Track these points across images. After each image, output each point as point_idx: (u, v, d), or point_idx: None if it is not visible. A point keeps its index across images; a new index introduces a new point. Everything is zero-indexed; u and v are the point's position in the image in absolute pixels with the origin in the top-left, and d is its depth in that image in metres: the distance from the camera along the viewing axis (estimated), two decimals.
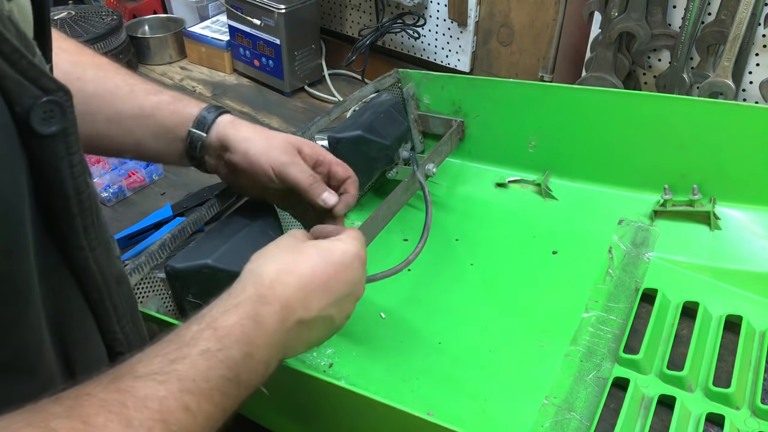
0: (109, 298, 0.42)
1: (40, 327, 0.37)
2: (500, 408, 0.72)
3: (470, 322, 0.83)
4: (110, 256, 0.42)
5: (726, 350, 0.76)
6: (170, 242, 0.72)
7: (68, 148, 0.36)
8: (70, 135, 0.36)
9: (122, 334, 0.44)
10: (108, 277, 0.42)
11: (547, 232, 0.94)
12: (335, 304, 0.53)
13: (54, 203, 0.36)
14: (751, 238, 0.87)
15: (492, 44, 1.29)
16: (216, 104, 0.70)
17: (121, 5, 1.55)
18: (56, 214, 0.37)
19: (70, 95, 0.35)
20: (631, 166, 0.93)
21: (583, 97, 0.93)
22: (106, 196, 1.07)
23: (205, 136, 0.68)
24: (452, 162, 1.05)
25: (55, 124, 0.34)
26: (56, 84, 0.34)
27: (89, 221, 0.39)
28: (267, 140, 0.68)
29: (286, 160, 0.67)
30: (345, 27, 1.48)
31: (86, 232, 0.39)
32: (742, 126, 0.84)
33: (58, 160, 0.35)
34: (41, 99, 0.33)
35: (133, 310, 0.46)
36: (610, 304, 0.83)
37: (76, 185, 0.37)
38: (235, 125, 0.69)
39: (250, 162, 0.67)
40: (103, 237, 0.41)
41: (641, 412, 0.70)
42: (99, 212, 0.41)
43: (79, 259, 0.39)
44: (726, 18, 0.97)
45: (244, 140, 0.67)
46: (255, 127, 0.70)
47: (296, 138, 0.71)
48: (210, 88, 1.42)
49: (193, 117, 0.68)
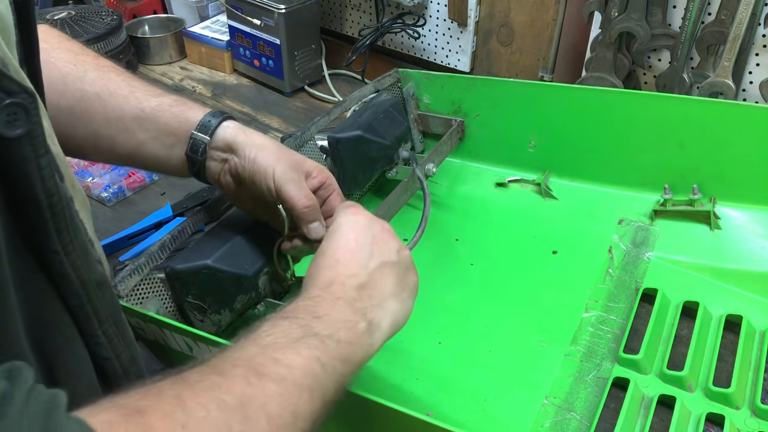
0: (89, 303, 0.42)
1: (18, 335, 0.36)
2: (500, 408, 0.72)
3: (470, 322, 0.83)
4: (88, 261, 0.42)
5: (726, 350, 0.76)
6: (170, 243, 0.72)
7: (35, 150, 0.35)
8: (36, 137, 0.35)
9: (105, 338, 0.44)
10: (87, 282, 0.41)
11: (547, 232, 0.94)
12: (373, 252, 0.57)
13: (24, 207, 0.36)
14: (751, 238, 0.87)
15: (492, 44, 1.29)
16: (220, 110, 0.69)
17: (121, 5, 1.55)
18: (27, 218, 0.36)
19: (35, 97, 0.35)
20: (631, 166, 0.93)
21: (583, 96, 0.93)
22: (106, 196, 1.07)
23: (209, 139, 0.66)
24: (452, 162, 1.04)
25: (20, 126, 0.34)
26: (19, 86, 0.34)
27: (62, 225, 0.38)
28: (278, 153, 0.66)
29: (290, 177, 0.65)
30: (345, 27, 1.48)
31: (60, 235, 0.38)
32: (743, 126, 0.84)
33: (26, 163, 0.35)
34: (4, 101, 0.33)
35: (116, 313, 0.46)
36: (610, 304, 0.83)
37: (46, 188, 0.36)
38: (248, 132, 0.68)
39: (256, 168, 0.65)
40: (80, 241, 0.40)
41: (641, 412, 0.70)
42: (74, 216, 0.40)
43: (55, 264, 0.39)
44: (726, 18, 0.97)
45: (257, 147, 0.66)
46: (269, 138, 0.69)
47: (310, 162, 0.69)
48: (210, 88, 1.42)
49: (196, 121, 0.67)
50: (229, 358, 0.43)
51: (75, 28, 1.33)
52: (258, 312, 0.73)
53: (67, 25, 1.33)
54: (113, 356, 0.45)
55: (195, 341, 0.61)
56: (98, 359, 0.44)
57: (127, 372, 0.46)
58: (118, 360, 0.45)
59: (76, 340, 0.42)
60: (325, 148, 0.94)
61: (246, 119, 1.31)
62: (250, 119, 1.31)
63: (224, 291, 0.69)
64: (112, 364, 0.45)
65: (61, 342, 0.41)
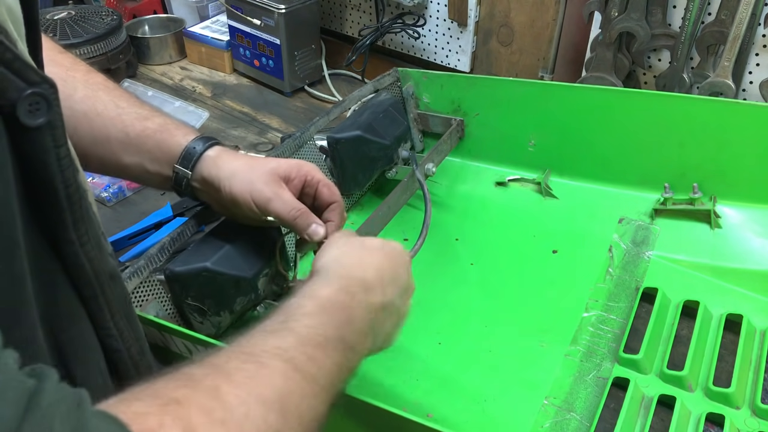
0: (102, 294, 0.42)
1: (33, 324, 0.37)
2: (500, 408, 0.72)
3: (470, 322, 0.83)
4: (102, 253, 0.42)
5: (726, 350, 0.76)
6: (169, 245, 0.72)
7: (55, 140, 0.35)
8: (56, 128, 0.35)
9: (116, 330, 0.44)
10: (100, 273, 0.41)
11: (547, 231, 0.94)
12: (401, 294, 0.58)
13: (42, 197, 0.36)
14: (751, 237, 0.87)
15: (492, 44, 1.29)
16: (205, 135, 0.68)
17: (121, 5, 1.55)
18: (45, 207, 0.37)
19: (55, 88, 0.35)
20: (632, 165, 0.93)
21: (583, 95, 0.93)
22: (106, 196, 1.07)
23: (191, 174, 0.67)
24: (452, 161, 1.04)
25: (42, 116, 0.34)
26: (41, 76, 0.34)
27: (78, 215, 0.38)
28: (250, 173, 0.66)
29: (270, 195, 0.65)
30: (345, 27, 1.48)
31: (76, 226, 0.38)
32: (742, 125, 0.84)
33: (46, 152, 0.35)
34: (26, 91, 0.33)
35: (127, 306, 0.46)
36: (610, 304, 0.83)
37: (64, 178, 0.37)
38: (218, 163, 0.67)
39: (235, 199, 0.66)
40: (94, 233, 0.41)
41: (641, 412, 0.70)
42: (89, 208, 0.41)
43: (70, 254, 0.39)
44: (726, 18, 0.97)
45: (227, 178, 0.66)
46: (239, 158, 0.68)
47: (285, 165, 0.68)
48: (210, 88, 1.42)
49: (178, 153, 0.67)
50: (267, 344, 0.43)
51: (75, 28, 1.33)
52: (257, 313, 0.73)
53: (67, 25, 1.33)
54: (123, 348, 0.45)
55: (194, 344, 0.61)
56: (109, 351, 0.44)
57: (137, 364, 0.47)
58: (128, 352, 0.46)
59: (89, 331, 0.43)
60: (324, 148, 0.94)
61: (246, 119, 1.31)
62: (250, 119, 1.31)
63: (224, 293, 0.69)
64: (122, 356, 0.45)
65: (74, 333, 0.41)
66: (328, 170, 0.95)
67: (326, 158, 0.95)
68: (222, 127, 1.28)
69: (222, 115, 1.32)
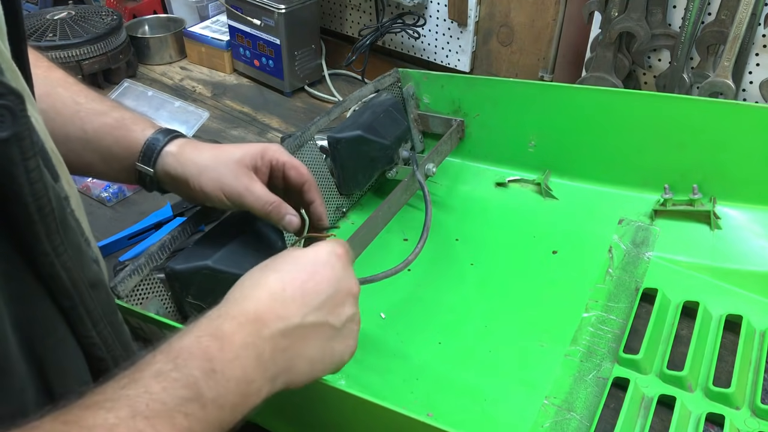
0: (81, 304, 0.41)
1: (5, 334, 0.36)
2: (500, 408, 0.72)
3: (470, 322, 0.83)
4: (83, 261, 0.41)
5: (726, 350, 0.76)
6: (170, 243, 0.72)
7: (23, 153, 0.34)
8: (23, 140, 0.34)
9: (100, 339, 0.43)
10: (79, 283, 0.40)
11: (547, 232, 0.94)
12: (322, 307, 0.51)
13: (12, 210, 0.35)
14: (751, 238, 0.87)
15: (492, 44, 1.29)
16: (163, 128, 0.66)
17: (121, 5, 1.55)
18: (15, 220, 0.36)
19: (22, 98, 0.34)
20: (631, 166, 0.93)
21: (583, 96, 0.93)
22: (106, 196, 1.07)
23: (152, 172, 0.65)
24: (452, 161, 1.04)
25: (7, 129, 0.33)
26: (7, 87, 0.33)
27: (52, 227, 0.37)
28: (218, 167, 0.64)
29: (241, 190, 0.64)
30: (345, 27, 1.48)
31: (50, 237, 0.37)
32: (743, 125, 0.84)
33: (13, 165, 0.34)
34: None
35: (111, 313, 0.45)
36: (610, 304, 0.83)
37: (34, 191, 0.36)
38: (181, 159, 0.65)
39: (206, 194, 0.65)
40: (71, 241, 0.40)
41: (641, 412, 0.70)
42: (66, 217, 0.40)
43: (45, 265, 0.38)
44: (726, 18, 0.97)
45: (195, 175, 0.65)
46: (202, 151, 0.66)
47: (250, 153, 0.66)
48: (210, 88, 1.42)
49: (139, 146, 0.65)
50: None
51: (75, 28, 1.33)
52: None
53: (67, 25, 1.33)
54: (108, 357, 0.44)
55: None
56: (93, 359, 0.43)
57: None
58: (114, 361, 0.45)
59: (69, 339, 0.42)
60: (325, 148, 0.94)
61: (246, 119, 1.31)
62: (250, 119, 1.31)
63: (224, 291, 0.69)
64: (108, 364, 0.44)
65: (53, 341, 0.40)
66: (328, 170, 0.95)
67: (326, 158, 0.95)
68: (222, 127, 1.28)
69: (222, 115, 1.32)
